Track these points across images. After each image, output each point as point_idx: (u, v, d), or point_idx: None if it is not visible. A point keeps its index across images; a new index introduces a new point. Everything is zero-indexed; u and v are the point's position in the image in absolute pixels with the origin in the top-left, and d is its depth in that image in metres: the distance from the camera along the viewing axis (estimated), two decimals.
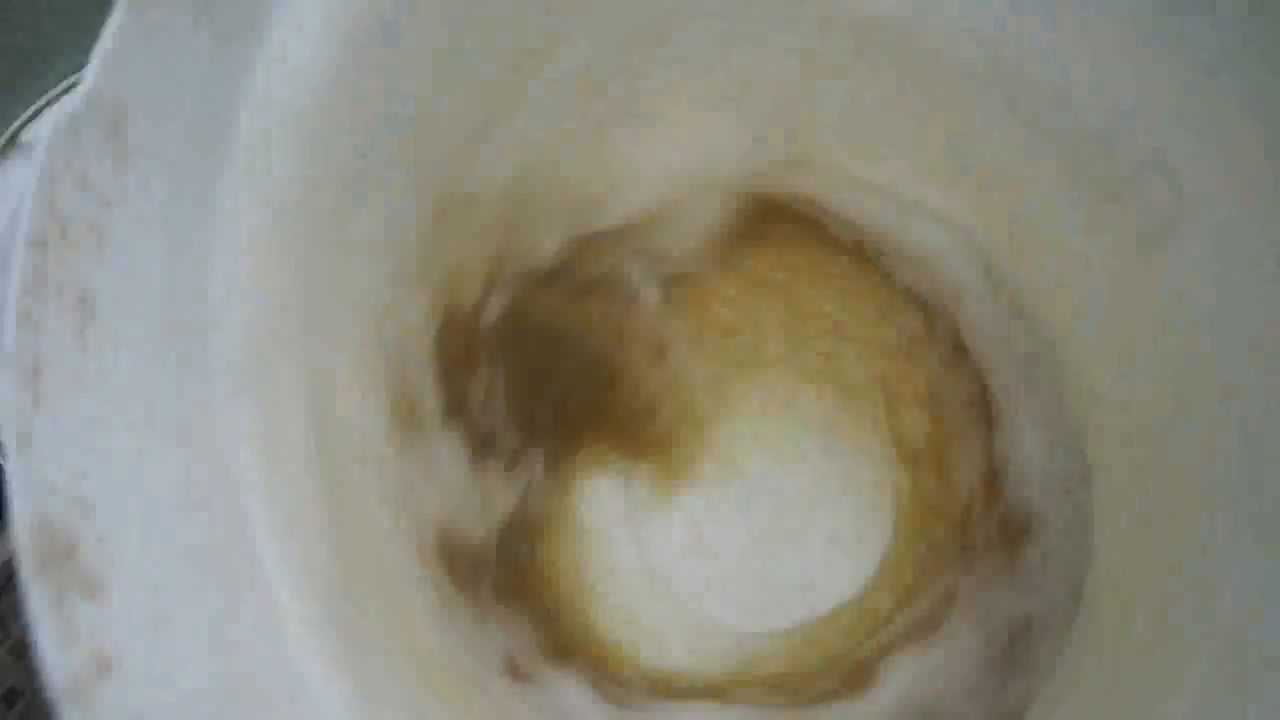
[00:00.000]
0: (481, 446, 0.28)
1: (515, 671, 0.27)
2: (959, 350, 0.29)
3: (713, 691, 0.28)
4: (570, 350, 0.30)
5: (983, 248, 0.27)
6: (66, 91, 0.34)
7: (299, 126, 0.21)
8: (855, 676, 0.28)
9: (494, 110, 0.25)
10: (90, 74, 0.18)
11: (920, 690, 0.27)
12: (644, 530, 0.31)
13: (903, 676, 0.27)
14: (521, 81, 0.25)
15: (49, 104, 0.34)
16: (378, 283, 0.24)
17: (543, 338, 0.29)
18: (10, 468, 0.17)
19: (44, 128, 0.34)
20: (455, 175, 0.25)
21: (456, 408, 0.27)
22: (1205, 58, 0.20)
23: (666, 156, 0.28)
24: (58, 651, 0.16)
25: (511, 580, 0.28)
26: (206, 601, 0.18)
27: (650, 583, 0.31)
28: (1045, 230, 0.25)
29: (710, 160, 0.29)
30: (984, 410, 0.28)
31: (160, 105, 0.19)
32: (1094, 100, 0.22)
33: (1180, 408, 0.22)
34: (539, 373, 0.29)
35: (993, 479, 0.28)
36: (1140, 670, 0.21)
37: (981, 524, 0.28)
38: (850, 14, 0.25)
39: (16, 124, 0.34)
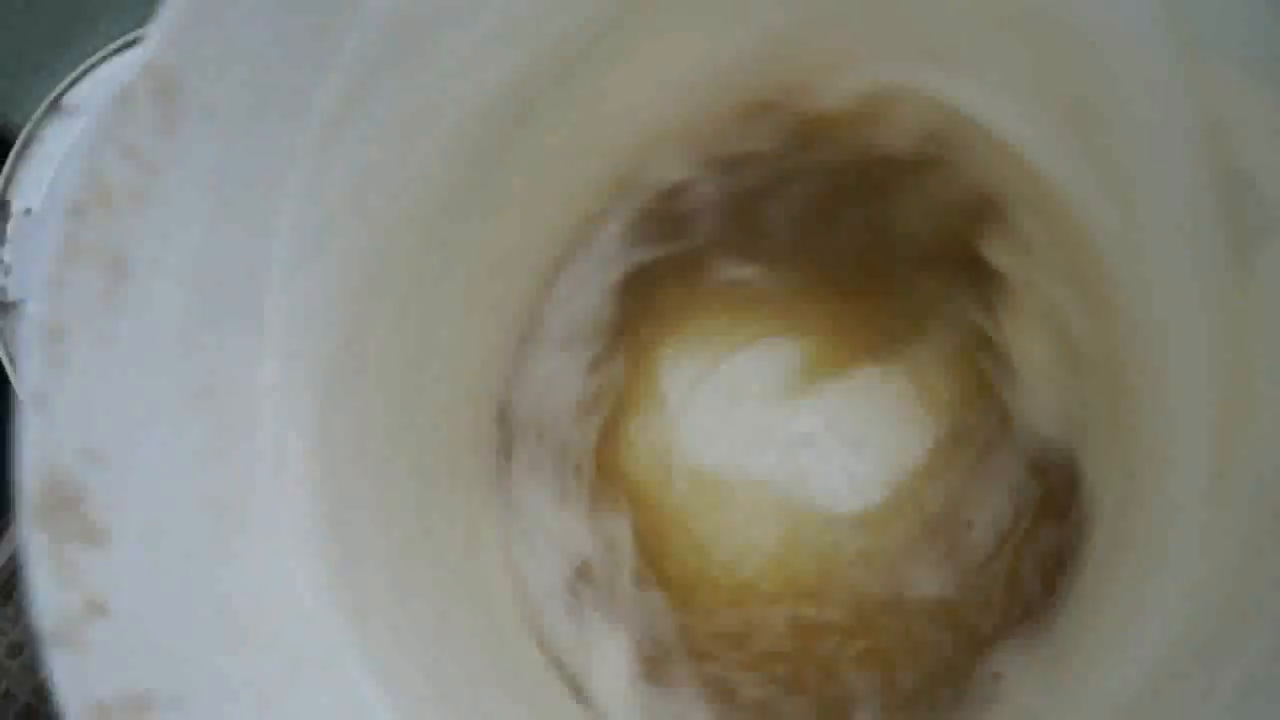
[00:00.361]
0: None
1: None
2: None
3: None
4: None
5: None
6: (109, 56, 0.35)
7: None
8: None
9: None
10: (148, 45, 0.19)
11: None
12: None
13: None
14: None
15: (92, 68, 0.35)
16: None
17: None
18: (24, 423, 0.18)
19: (87, 91, 0.35)
20: None
21: None
22: None
23: None
24: (50, 594, 0.17)
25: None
26: (211, 555, 0.19)
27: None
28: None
29: None
30: None
31: (220, 73, 0.20)
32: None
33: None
34: None
35: None
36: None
37: None
38: None
39: (60, 87, 0.35)
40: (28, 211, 0.35)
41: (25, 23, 0.36)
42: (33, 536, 0.17)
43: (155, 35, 0.19)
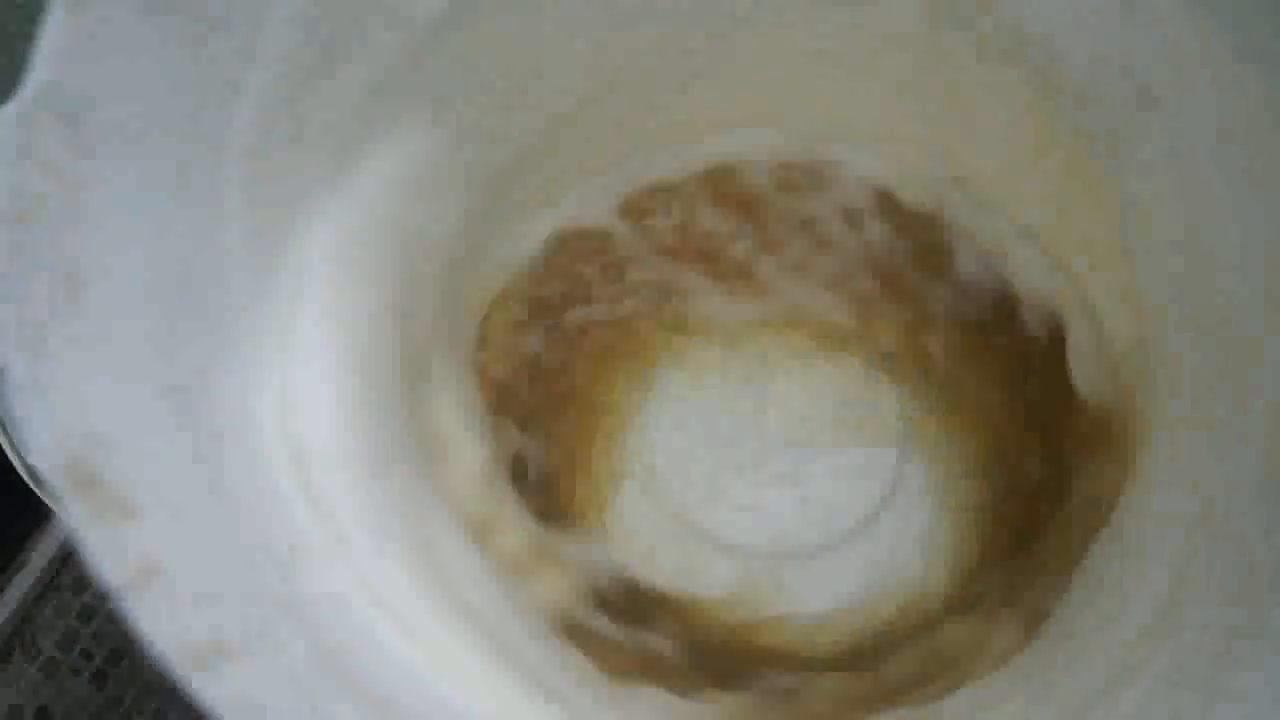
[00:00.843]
0: None
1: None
2: None
3: None
4: None
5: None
6: None
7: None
8: None
9: None
10: (41, 63, 0.19)
11: None
12: None
13: None
14: None
15: None
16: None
17: None
18: (25, 413, 0.17)
19: None
20: None
21: None
22: None
23: None
24: (105, 560, 0.16)
25: None
26: (230, 525, 0.18)
27: None
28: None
29: None
30: None
31: (122, 94, 0.20)
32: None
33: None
34: None
35: None
36: None
37: None
38: None
39: None
40: None
41: None
42: (71, 509, 0.16)
43: (49, 55, 0.20)
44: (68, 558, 0.35)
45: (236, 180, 0.22)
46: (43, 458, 0.17)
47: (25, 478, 0.34)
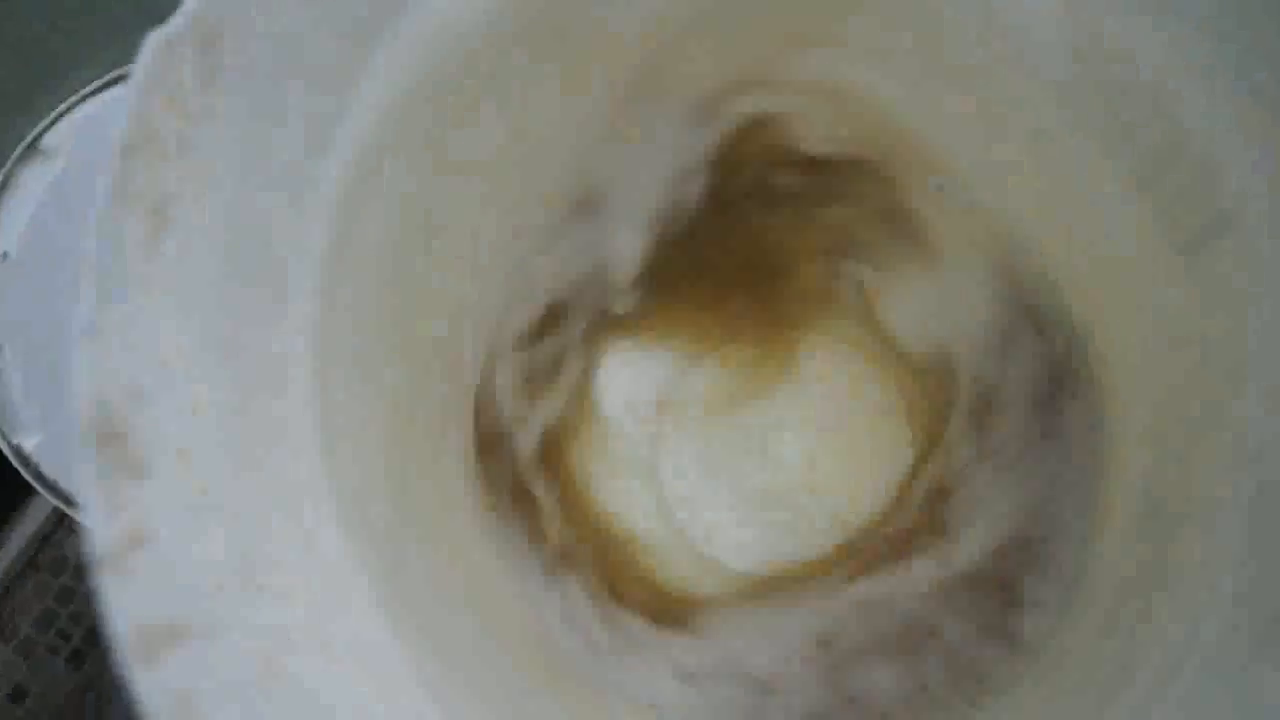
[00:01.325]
0: None
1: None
2: None
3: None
4: None
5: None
6: (87, 98, 0.36)
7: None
8: None
9: None
10: (186, 2, 0.20)
11: None
12: None
13: None
14: None
15: (70, 110, 0.35)
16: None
17: None
18: (76, 354, 0.18)
19: (65, 133, 0.36)
20: None
21: None
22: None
23: None
24: (101, 522, 0.17)
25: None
26: (235, 502, 0.19)
27: None
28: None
29: None
30: None
31: (255, 32, 0.20)
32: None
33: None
34: None
35: None
36: None
37: None
38: None
39: (38, 129, 0.35)
40: (4, 255, 0.35)
41: (0, 64, 0.36)
42: (87, 464, 0.17)
43: None
44: (46, 538, 0.36)
45: (343, 136, 0.22)
46: (80, 404, 0.17)
47: (9, 455, 0.35)
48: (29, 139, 0.35)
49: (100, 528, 0.17)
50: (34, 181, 0.35)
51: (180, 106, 0.20)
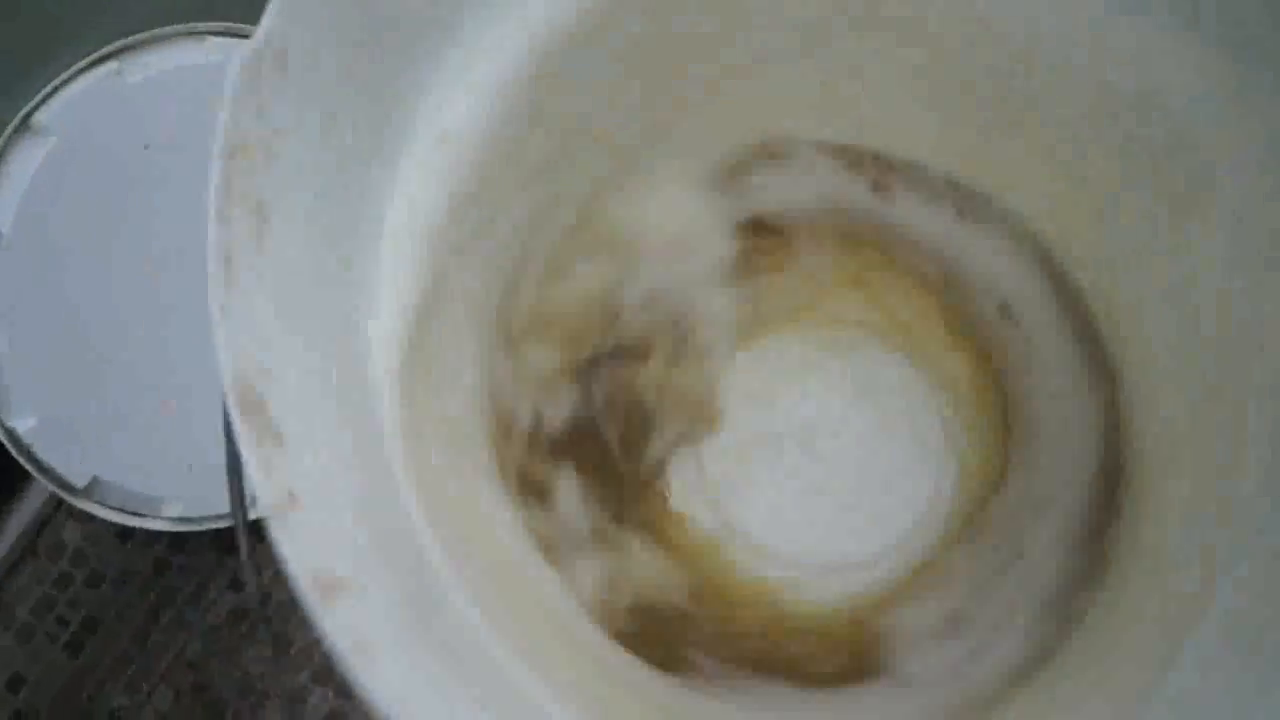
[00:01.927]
0: None
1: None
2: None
3: None
4: None
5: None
6: (78, 75, 0.36)
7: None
8: None
9: None
10: (268, 16, 0.22)
11: None
12: None
13: None
14: None
15: (61, 86, 0.36)
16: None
17: None
18: (215, 332, 0.20)
19: (57, 110, 0.36)
20: None
21: None
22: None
23: None
24: (261, 483, 0.19)
25: None
26: (355, 468, 0.21)
27: None
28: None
29: None
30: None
31: (325, 49, 0.23)
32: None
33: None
34: None
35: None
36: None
37: None
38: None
39: (29, 106, 0.35)
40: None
41: None
42: (240, 431, 0.19)
43: (273, 9, 0.22)
44: (44, 525, 0.36)
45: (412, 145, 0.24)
46: (225, 378, 0.19)
47: (3, 439, 0.36)
48: (20, 115, 0.35)
49: (261, 489, 0.19)
50: (26, 158, 0.36)
51: (266, 119, 0.21)
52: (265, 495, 0.19)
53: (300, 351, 0.22)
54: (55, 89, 0.36)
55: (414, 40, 0.24)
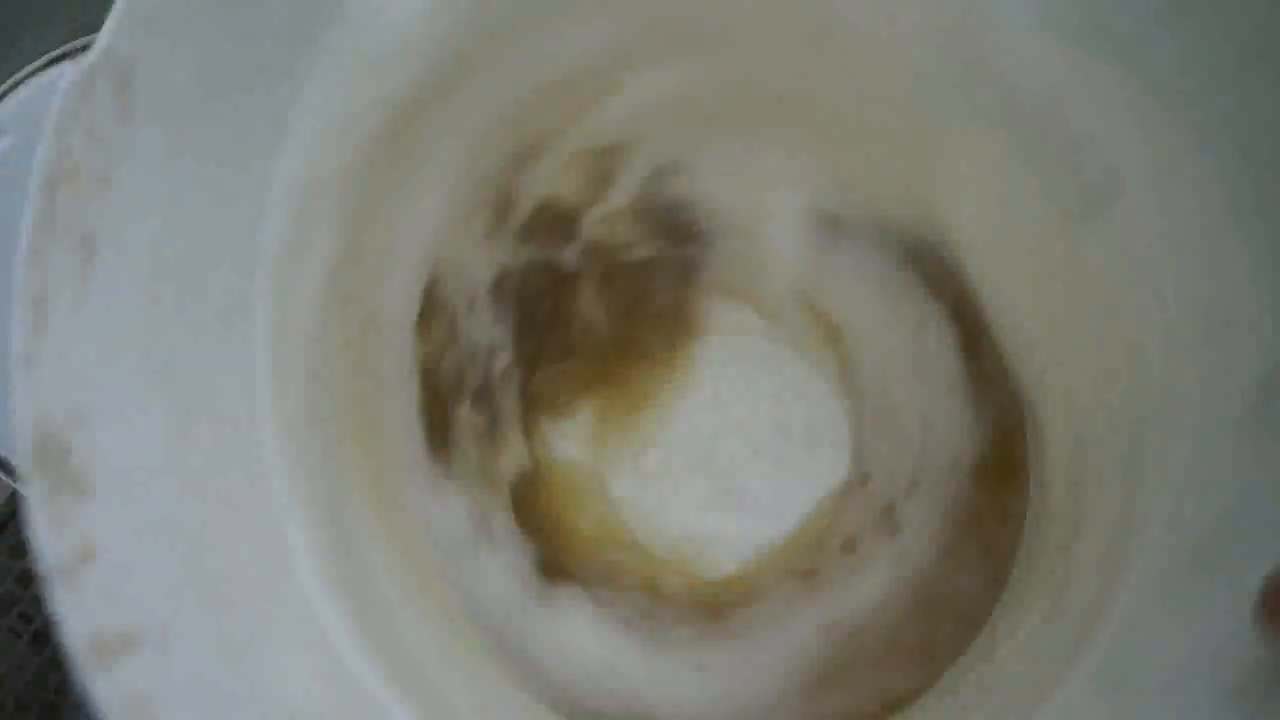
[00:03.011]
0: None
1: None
2: None
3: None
4: None
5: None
6: (31, 75, 0.36)
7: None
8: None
9: None
10: (105, 31, 0.21)
11: None
12: None
13: None
14: None
15: (15, 87, 0.36)
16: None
17: None
18: (15, 382, 0.19)
19: (11, 109, 0.36)
20: None
21: None
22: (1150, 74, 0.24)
23: None
24: (49, 537, 0.18)
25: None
26: (182, 517, 0.21)
27: None
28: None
29: None
30: None
31: (171, 65, 0.21)
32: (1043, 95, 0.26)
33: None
34: None
35: None
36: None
37: None
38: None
39: None
40: None
41: None
42: (32, 484, 0.19)
43: (113, 23, 0.21)
44: (6, 523, 0.36)
45: (274, 167, 0.23)
46: (20, 430, 0.19)
47: None
48: None
49: (48, 544, 0.18)
50: None
51: (97, 143, 0.21)
52: (52, 552, 0.18)
53: (135, 390, 0.21)
54: (10, 88, 0.36)
55: (277, 59, 0.23)
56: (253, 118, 0.23)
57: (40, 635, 0.37)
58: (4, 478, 0.36)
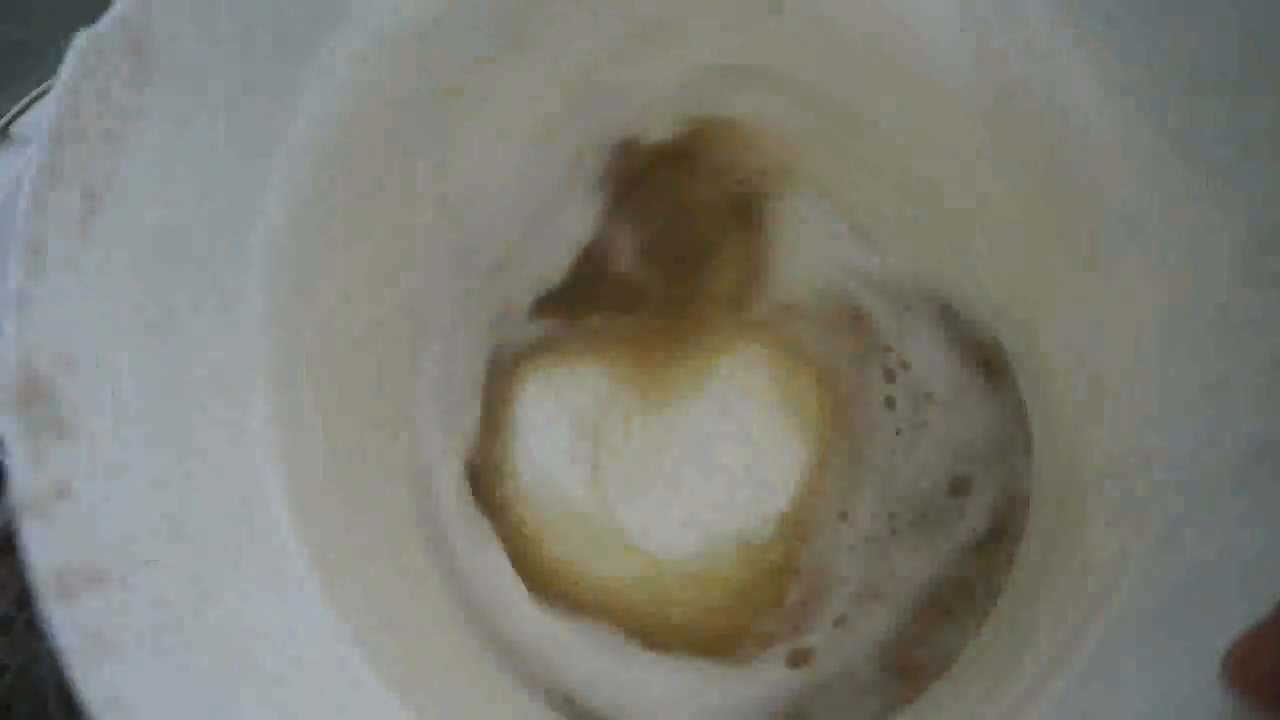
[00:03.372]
0: None
1: None
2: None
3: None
4: None
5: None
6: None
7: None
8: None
9: None
10: (116, 6, 0.21)
11: None
12: None
13: None
14: None
15: (41, 96, 0.37)
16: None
17: None
18: (6, 324, 0.19)
19: (37, 119, 0.37)
20: None
21: None
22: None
23: None
24: (25, 473, 0.19)
25: None
26: (161, 468, 0.21)
27: None
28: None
29: None
30: None
31: (186, 33, 0.22)
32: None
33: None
34: None
35: None
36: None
37: None
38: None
39: (8, 116, 0.37)
40: None
41: None
42: (10, 422, 0.19)
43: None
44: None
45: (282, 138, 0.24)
46: (4, 367, 0.19)
47: None
48: (1, 124, 0.36)
49: (23, 478, 0.18)
50: (5, 167, 0.37)
51: (109, 104, 0.21)
52: (27, 487, 0.18)
53: (126, 345, 0.21)
54: (34, 98, 0.37)
55: (290, 33, 0.24)
56: (265, 88, 0.24)
57: (6, 619, 0.36)
58: None
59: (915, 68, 0.28)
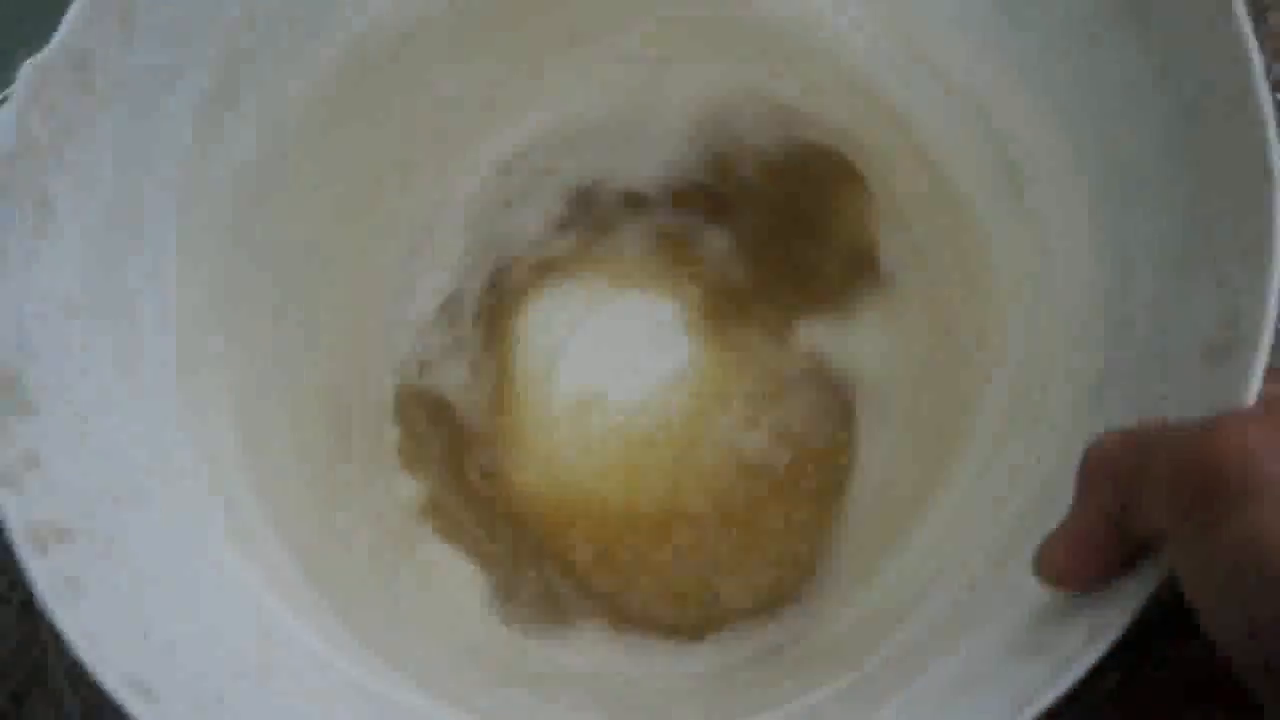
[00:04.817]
0: None
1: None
2: None
3: None
4: None
5: None
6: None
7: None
8: None
9: None
10: (63, 29, 0.24)
11: None
12: None
13: None
14: None
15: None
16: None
17: None
18: None
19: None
20: None
21: None
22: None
23: None
24: None
25: None
26: (122, 441, 0.24)
27: None
28: None
29: None
30: None
31: (126, 57, 0.25)
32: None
33: None
34: None
35: None
36: None
37: None
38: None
39: None
40: None
41: None
42: None
43: (70, 22, 0.25)
44: None
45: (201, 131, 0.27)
46: None
47: None
48: None
49: None
50: None
51: (58, 116, 0.24)
52: None
53: (81, 328, 0.24)
54: (8, 97, 0.40)
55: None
56: (198, 101, 0.27)
57: (26, 603, 0.37)
58: None
59: None
